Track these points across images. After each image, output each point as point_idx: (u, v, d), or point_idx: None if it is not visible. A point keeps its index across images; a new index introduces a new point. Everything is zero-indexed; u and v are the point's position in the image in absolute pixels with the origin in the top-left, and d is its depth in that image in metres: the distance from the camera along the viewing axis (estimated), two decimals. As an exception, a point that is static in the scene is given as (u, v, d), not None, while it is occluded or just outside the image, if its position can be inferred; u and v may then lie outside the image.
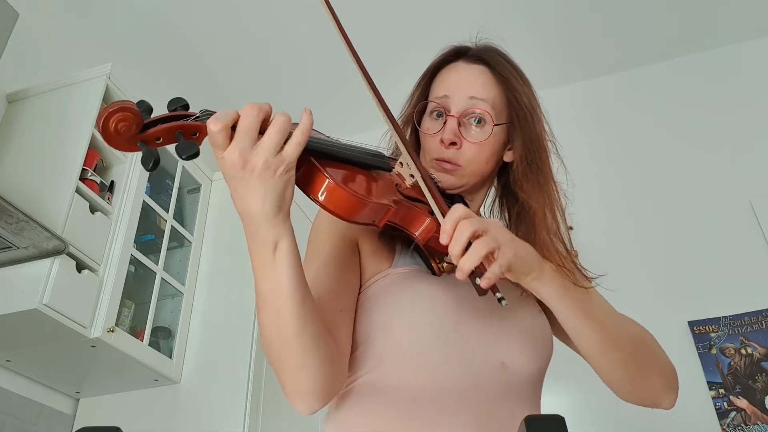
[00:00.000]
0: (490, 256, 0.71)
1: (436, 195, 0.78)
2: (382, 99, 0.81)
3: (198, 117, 0.66)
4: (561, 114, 1.09)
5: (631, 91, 2.92)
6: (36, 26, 2.24)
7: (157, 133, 0.64)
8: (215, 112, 0.65)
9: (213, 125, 0.63)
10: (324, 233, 0.91)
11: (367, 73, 0.81)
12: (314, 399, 0.77)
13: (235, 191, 0.67)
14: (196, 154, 0.63)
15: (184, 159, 0.63)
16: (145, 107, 0.63)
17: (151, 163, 0.62)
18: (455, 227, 0.71)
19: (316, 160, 0.73)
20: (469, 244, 0.70)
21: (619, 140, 2.82)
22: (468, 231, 0.70)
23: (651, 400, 0.91)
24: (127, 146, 0.63)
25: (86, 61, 2.27)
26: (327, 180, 0.71)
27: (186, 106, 0.67)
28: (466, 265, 0.69)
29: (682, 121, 2.76)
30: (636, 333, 0.91)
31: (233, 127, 0.65)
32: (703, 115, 2.74)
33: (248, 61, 2.83)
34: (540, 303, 0.95)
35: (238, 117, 0.65)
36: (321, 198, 0.72)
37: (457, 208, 0.72)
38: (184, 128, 0.65)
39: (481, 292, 0.72)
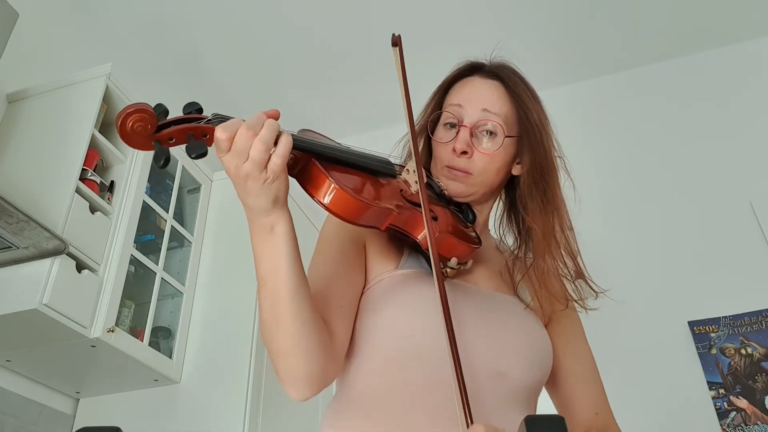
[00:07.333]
0: None
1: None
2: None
3: (210, 120, 0.72)
4: (560, 114, 1.09)
5: (631, 91, 2.92)
6: (36, 26, 2.24)
7: (171, 133, 0.70)
8: (228, 118, 0.71)
9: (220, 134, 0.69)
10: (331, 234, 0.94)
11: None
12: (305, 385, 0.79)
13: (235, 187, 0.74)
14: (204, 154, 0.69)
15: (192, 158, 0.69)
16: (161, 110, 0.70)
17: (162, 160, 0.68)
18: None
19: (320, 163, 0.76)
20: None
21: (618, 140, 2.82)
22: None
23: None
24: (142, 144, 0.69)
25: (86, 61, 2.27)
26: (330, 183, 0.75)
27: (200, 110, 0.73)
28: None
29: (682, 121, 2.76)
30: None
31: None
32: (704, 115, 2.74)
33: (249, 61, 2.83)
34: (542, 314, 0.98)
35: None
36: (325, 201, 0.76)
37: (476, 429, 0.65)
38: (195, 130, 0.71)
39: None
